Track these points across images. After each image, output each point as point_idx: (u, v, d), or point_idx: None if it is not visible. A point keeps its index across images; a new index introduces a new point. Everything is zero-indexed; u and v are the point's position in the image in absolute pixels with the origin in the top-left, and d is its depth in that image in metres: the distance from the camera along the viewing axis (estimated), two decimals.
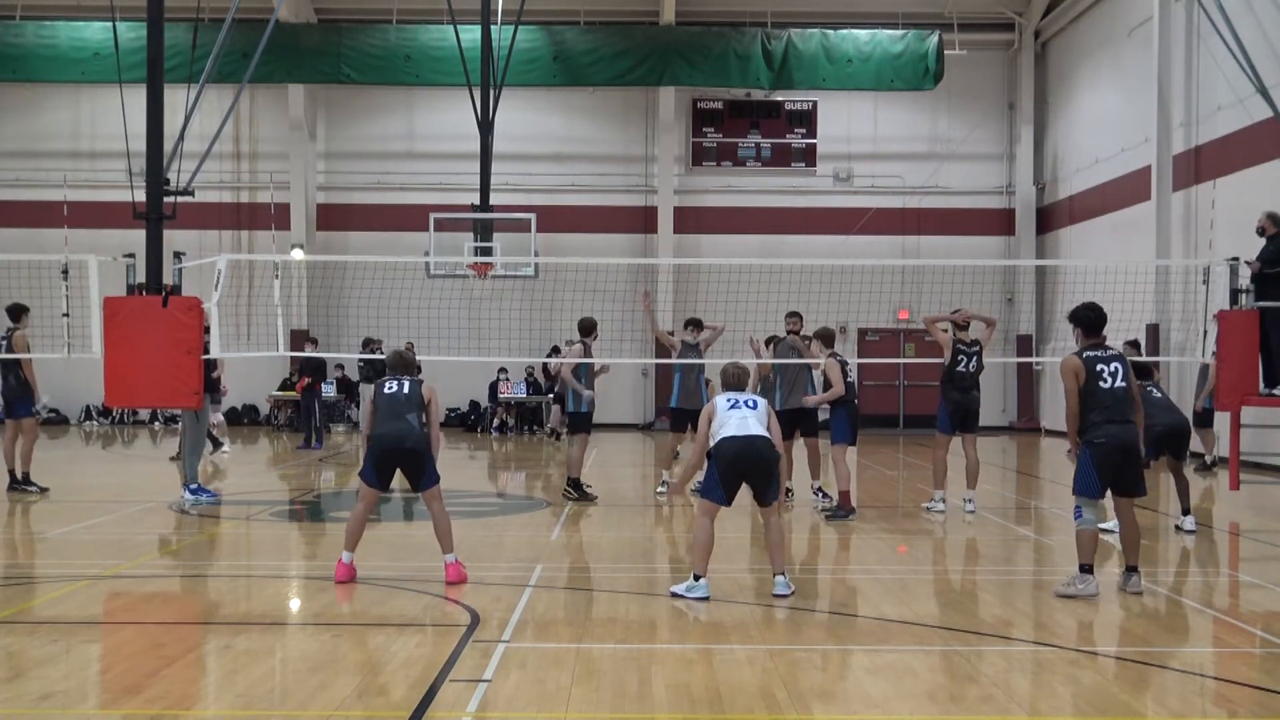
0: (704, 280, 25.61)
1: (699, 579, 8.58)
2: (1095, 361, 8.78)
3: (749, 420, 8.70)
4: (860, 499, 15.12)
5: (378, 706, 5.96)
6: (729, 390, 9.05)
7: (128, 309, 13.09)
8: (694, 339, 14.76)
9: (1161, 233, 22.41)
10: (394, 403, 9.19)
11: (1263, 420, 15.80)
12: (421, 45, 26.75)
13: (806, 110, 29.86)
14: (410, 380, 9.37)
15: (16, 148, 29.41)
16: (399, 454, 9.13)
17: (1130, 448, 8.70)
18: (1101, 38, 26.25)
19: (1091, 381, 8.70)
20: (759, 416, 8.77)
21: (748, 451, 8.56)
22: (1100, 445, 8.65)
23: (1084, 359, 8.80)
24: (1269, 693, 6.29)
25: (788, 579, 8.71)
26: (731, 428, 8.66)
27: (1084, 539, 8.76)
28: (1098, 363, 8.77)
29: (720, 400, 8.90)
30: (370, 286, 20.54)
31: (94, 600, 8.64)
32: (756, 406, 8.84)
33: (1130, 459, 8.73)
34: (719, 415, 8.79)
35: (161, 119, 14.12)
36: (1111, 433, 8.64)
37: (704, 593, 8.53)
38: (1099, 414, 8.67)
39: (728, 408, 8.80)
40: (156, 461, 20.02)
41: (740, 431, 8.62)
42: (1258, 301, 13.16)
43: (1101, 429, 8.65)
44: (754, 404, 8.85)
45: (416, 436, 9.14)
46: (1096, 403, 8.68)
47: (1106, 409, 8.66)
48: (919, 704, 6.11)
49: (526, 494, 15.42)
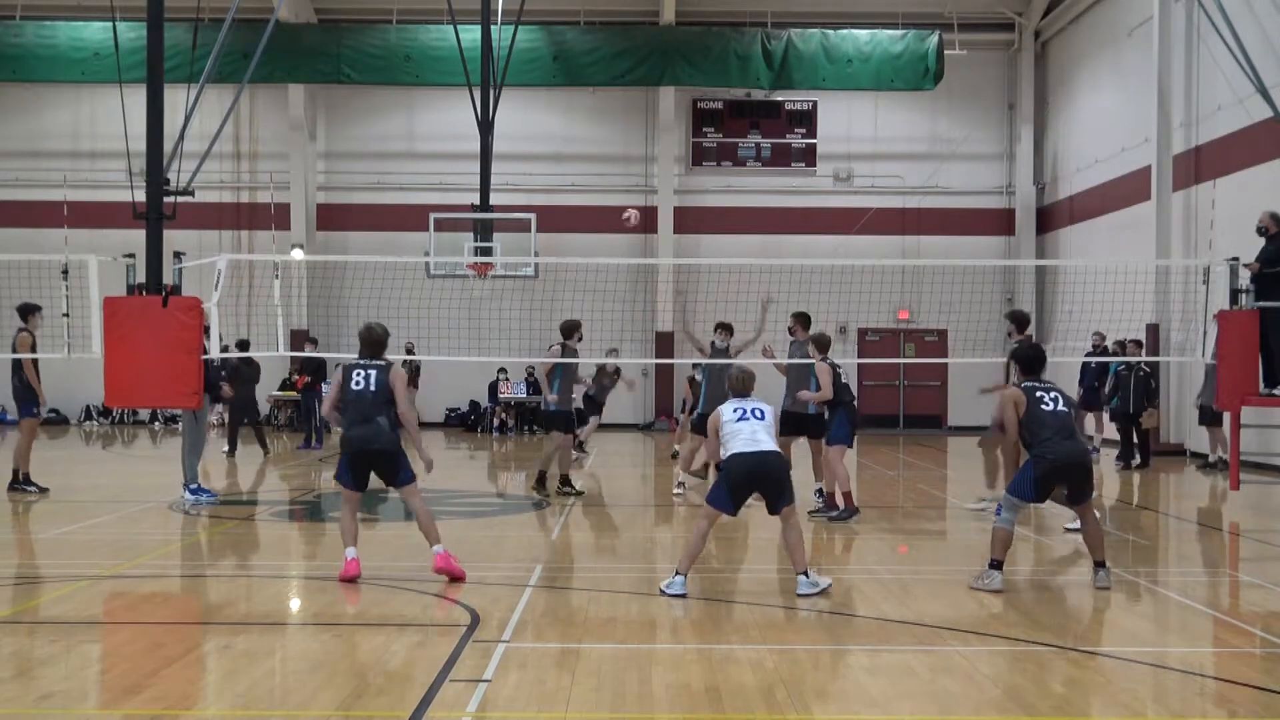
0: (704, 280, 25.62)
1: (679, 575, 8.66)
2: (1035, 389, 9.12)
3: (759, 433, 8.69)
4: (860, 499, 15.12)
5: (378, 706, 5.96)
6: (736, 397, 9.04)
7: (128, 309, 13.09)
8: (723, 342, 14.46)
9: (1161, 233, 22.40)
10: (360, 402, 9.05)
11: (1263, 420, 15.80)
12: (421, 45, 26.75)
13: (806, 110, 29.86)
14: (377, 370, 9.14)
15: (16, 148, 29.41)
16: (368, 456, 9.08)
17: (1081, 463, 8.98)
18: (1101, 38, 26.25)
19: (1034, 406, 9.00)
20: (767, 428, 8.77)
21: (759, 468, 8.62)
22: (1049, 460, 8.88)
23: (1024, 388, 9.14)
24: (1269, 693, 6.29)
25: (812, 577, 8.73)
26: (741, 442, 8.66)
27: (999, 536, 8.99)
28: (1037, 390, 9.11)
29: (726, 409, 8.88)
30: (370, 286, 20.52)
31: (94, 600, 8.64)
32: (764, 417, 8.82)
33: (1082, 473, 8.99)
34: (726, 426, 8.78)
35: (161, 119, 14.11)
36: (1063, 450, 8.88)
37: (681, 590, 8.57)
38: (1048, 431, 8.93)
39: (736, 419, 8.78)
40: (156, 461, 20.03)
41: (751, 448, 8.62)
42: (1258, 301, 13.15)
43: (1053, 445, 8.88)
44: (761, 414, 8.83)
45: (386, 438, 9.04)
46: (1042, 424, 8.95)
47: (1054, 428, 8.93)
48: (919, 704, 6.11)
49: (526, 494, 15.42)
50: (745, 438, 8.64)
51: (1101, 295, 17.19)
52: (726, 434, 8.74)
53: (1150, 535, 12.38)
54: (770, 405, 9.07)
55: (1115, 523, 12.81)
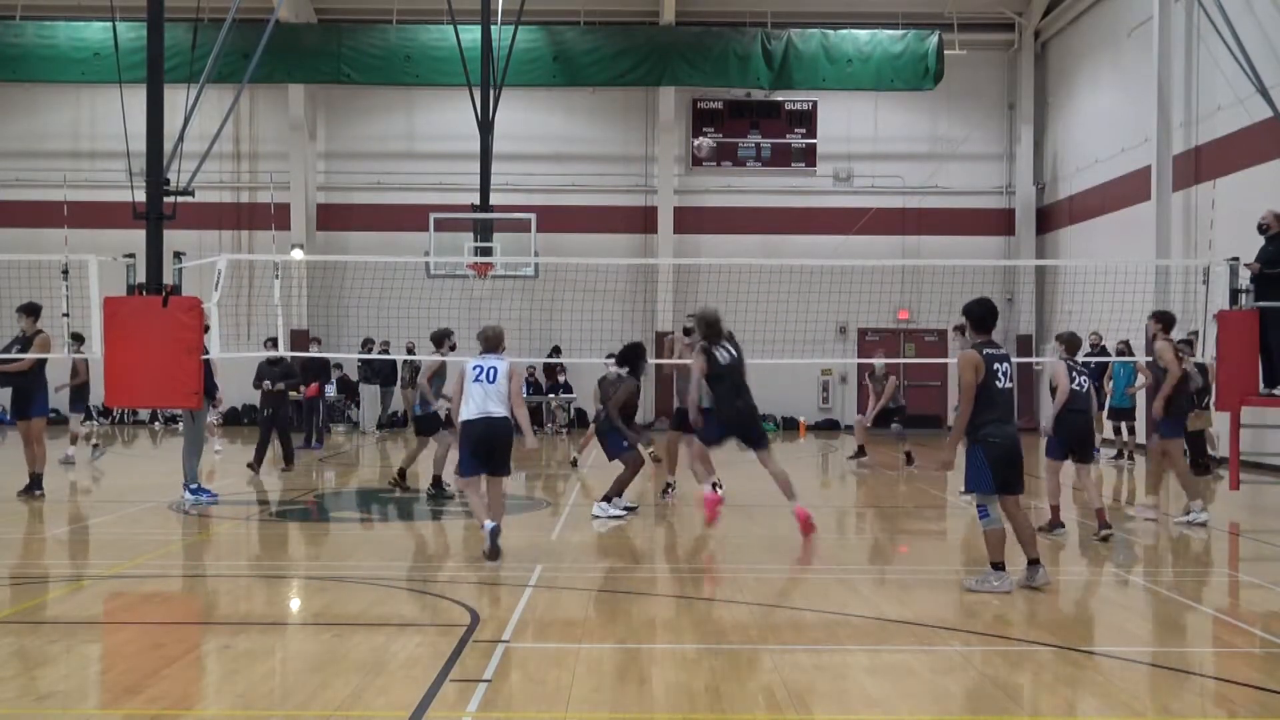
0: (704, 280, 25.62)
1: None
2: (993, 360, 8.83)
3: (489, 399, 9.92)
4: (861, 499, 15.14)
5: (378, 706, 5.96)
6: (483, 353, 10.16)
7: (128, 309, 13.08)
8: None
9: (1161, 233, 22.39)
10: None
11: (1263, 420, 15.80)
12: (421, 45, 26.75)
13: (806, 110, 29.86)
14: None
15: (16, 148, 29.40)
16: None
17: (1019, 449, 8.85)
18: (1101, 38, 26.25)
19: (989, 379, 8.75)
20: (499, 391, 9.91)
21: (487, 432, 9.93)
22: (996, 444, 8.72)
23: (984, 355, 8.81)
24: (1269, 693, 6.29)
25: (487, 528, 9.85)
26: (472, 407, 9.90)
27: (994, 538, 8.82)
28: (994, 361, 8.83)
29: (469, 365, 10.02)
30: (370, 286, 20.56)
31: (94, 600, 8.65)
32: (495, 379, 9.93)
33: (1017, 460, 8.85)
34: (466, 384, 10.01)
35: (161, 119, 14.11)
36: (1007, 433, 8.77)
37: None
38: (992, 413, 8.74)
39: (473, 378, 9.95)
40: (156, 461, 20.03)
41: (478, 414, 9.96)
42: (1257, 301, 13.15)
43: (996, 428, 8.73)
44: (494, 375, 9.95)
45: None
46: (991, 402, 8.74)
47: (999, 409, 8.77)
48: (919, 704, 6.11)
49: (527, 494, 15.42)
50: (477, 403, 9.82)
51: (1101, 295, 17.20)
52: (464, 394, 9.87)
53: (1150, 535, 12.37)
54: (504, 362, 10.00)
55: (1116, 523, 12.80)
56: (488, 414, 9.87)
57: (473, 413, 9.88)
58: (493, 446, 9.95)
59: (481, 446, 9.94)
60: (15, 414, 14.22)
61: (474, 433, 9.90)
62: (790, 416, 28.50)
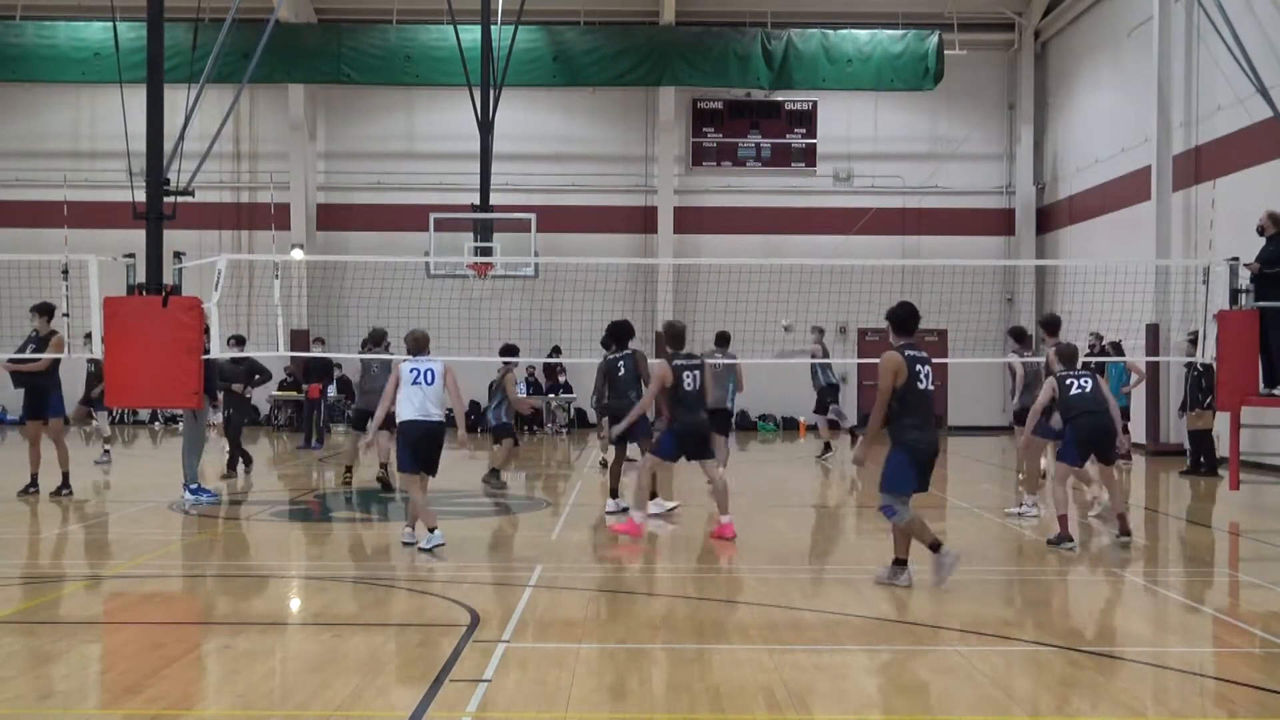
0: (704, 280, 25.59)
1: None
2: (915, 361, 8.84)
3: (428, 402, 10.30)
4: (861, 499, 15.13)
5: (378, 706, 5.97)
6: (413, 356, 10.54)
7: (128, 309, 13.08)
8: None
9: (1161, 233, 22.38)
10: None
11: (1262, 420, 15.80)
12: (421, 45, 26.73)
13: (806, 110, 29.85)
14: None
15: (16, 148, 29.38)
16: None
17: (936, 452, 8.91)
18: (1101, 38, 26.25)
19: (911, 381, 8.75)
20: (436, 394, 10.28)
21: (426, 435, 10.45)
22: (918, 449, 8.76)
23: (906, 357, 8.84)
24: (1269, 693, 6.29)
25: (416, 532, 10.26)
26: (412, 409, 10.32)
27: (915, 525, 8.80)
28: (916, 363, 8.84)
29: (405, 368, 10.31)
30: (370, 286, 20.53)
31: (94, 600, 8.65)
32: (434, 381, 10.30)
33: (931, 463, 8.89)
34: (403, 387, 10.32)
35: (161, 119, 14.11)
36: (929, 439, 8.83)
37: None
38: (915, 417, 8.75)
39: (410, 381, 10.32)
40: (156, 461, 20.02)
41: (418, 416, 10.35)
42: (1257, 301, 13.15)
43: (919, 432, 8.75)
44: (431, 378, 10.31)
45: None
46: (914, 405, 8.75)
47: (921, 412, 8.79)
48: (919, 704, 6.11)
49: (527, 494, 15.42)
50: (416, 405, 10.18)
51: (1101, 295, 17.18)
52: (400, 395, 10.17)
53: (1150, 535, 12.38)
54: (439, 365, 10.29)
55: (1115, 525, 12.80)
56: (427, 416, 10.33)
57: (412, 414, 10.31)
58: (429, 448, 10.42)
59: (420, 447, 10.37)
60: (29, 414, 14.17)
61: (413, 434, 10.32)
62: (790, 416, 28.49)
